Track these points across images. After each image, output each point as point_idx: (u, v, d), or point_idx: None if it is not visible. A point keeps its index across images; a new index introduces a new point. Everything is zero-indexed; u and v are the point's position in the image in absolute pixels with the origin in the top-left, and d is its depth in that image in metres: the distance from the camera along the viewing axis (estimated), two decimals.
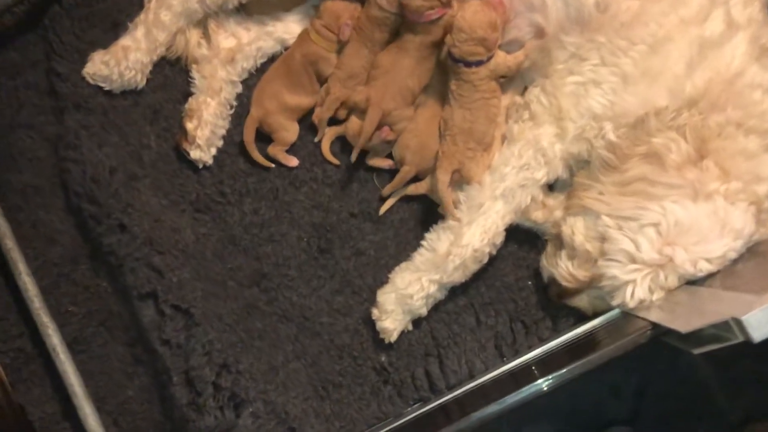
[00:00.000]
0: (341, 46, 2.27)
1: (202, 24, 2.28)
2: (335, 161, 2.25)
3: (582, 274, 1.96)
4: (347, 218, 2.25)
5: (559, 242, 1.98)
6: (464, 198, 2.05)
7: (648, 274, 1.84)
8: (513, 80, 2.16)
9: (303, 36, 2.32)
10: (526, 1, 2.00)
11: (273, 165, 2.26)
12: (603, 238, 1.89)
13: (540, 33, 2.04)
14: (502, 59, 2.09)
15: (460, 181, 2.12)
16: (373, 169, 2.27)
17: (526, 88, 2.14)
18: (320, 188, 2.27)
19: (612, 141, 1.87)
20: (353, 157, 2.14)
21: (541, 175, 2.02)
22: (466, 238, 2.01)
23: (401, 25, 2.21)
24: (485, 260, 2.10)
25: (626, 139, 1.85)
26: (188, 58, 2.28)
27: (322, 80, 2.29)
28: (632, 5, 1.90)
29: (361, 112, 2.20)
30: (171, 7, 2.20)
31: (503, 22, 2.05)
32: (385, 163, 2.27)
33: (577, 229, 1.95)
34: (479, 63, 2.06)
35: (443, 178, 2.09)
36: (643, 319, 1.89)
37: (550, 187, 2.10)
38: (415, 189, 2.22)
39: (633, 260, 1.85)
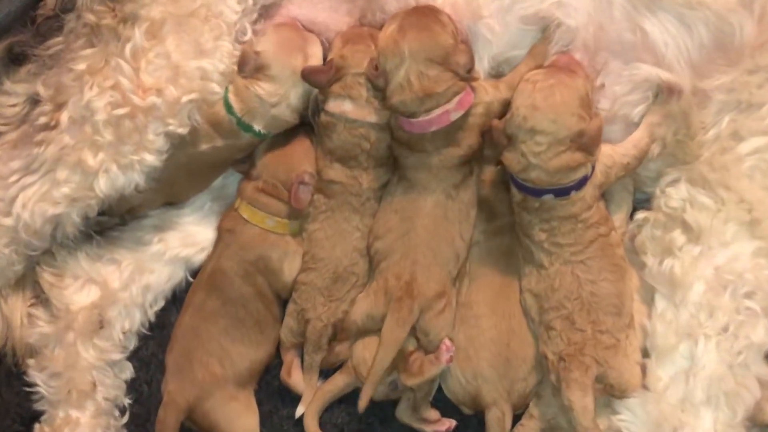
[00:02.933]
0: (300, 219, 1.34)
1: (27, 281, 1.43)
2: None
3: None
4: None
5: None
6: (632, 426, 1.16)
7: None
8: None
9: (229, 225, 1.37)
10: (615, 46, 1.19)
11: None
12: None
13: (658, 92, 1.21)
14: (611, 157, 1.21)
15: (605, 394, 1.18)
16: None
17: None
18: None
19: None
20: (362, 404, 1.26)
21: (763, 334, 1.14)
22: None
23: (397, 149, 1.30)
24: None
25: None
26: (16, 351, 1.41)
27: (285, 290, 1.35)
28: None
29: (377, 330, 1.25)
30: None
31: (593, 90, 1.21)
32: (439, 426, 1.28)
33: None
34: (583, 181, 1.18)
35: (583, 402, 1.13)
36: None
37: None
38: None
39: None
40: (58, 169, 1.27)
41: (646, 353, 1.23)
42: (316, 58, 1.31)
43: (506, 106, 1.24)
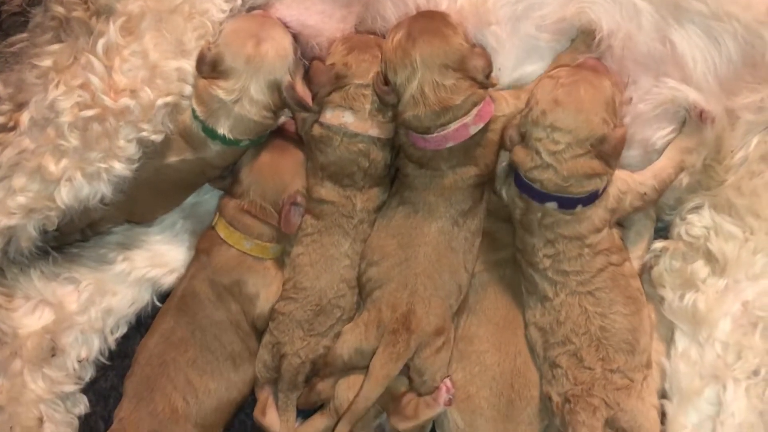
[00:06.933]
0: (283, 243, 1.23)
1: None
2: None
3: None
4: None
5: None
6: None
7: None
8: None
9: (205, 245, 1.25)
10: (643, 57, 1.10)
11: None
12: None
13: (687, 116, 1.13)
14: (626, 182, 1.13)
15: None
16: None
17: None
18: None
19: None
20: None
21: None
22: None
23: (406, 168, 1.20)
24: None
25: None
26: None
27: (261, 320, 1.23)
28: None
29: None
30: None
31: (621, 101, 1.12)
32: None
33: None
34: (593, 196, 1.10)
35: None
36: None
37: None
38: None
39: None
40: (14, 175, 1.15)
41: (664, 396, 1.12)
42: (273, 41, 1.17)
43: None
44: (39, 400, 1.21)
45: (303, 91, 1.21)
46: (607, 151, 1.08)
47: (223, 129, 1.17)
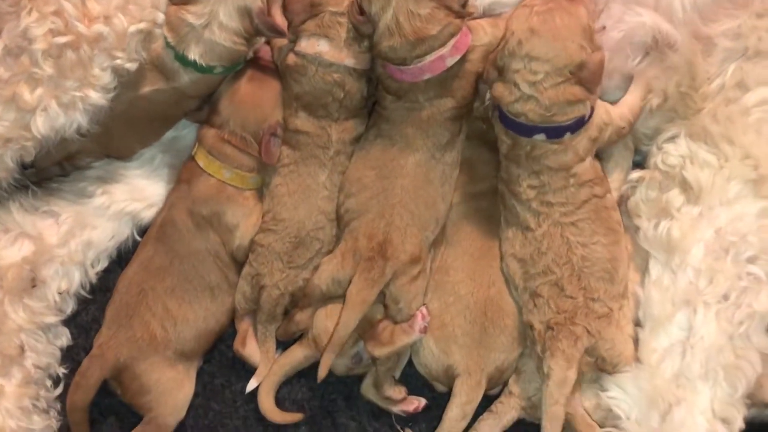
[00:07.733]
0: (262, 174, 1.24)
1: None
2: (295, 416, 1.24)
3: None
4: None
5: None
6: (623, 404, 1.07)
7: None
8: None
9: (185, 176, 1.25)
10: None
11: None
12: None
13: (649, 45, 1.13)
14: (609, 114, 1.13)
15: (595, 369, 1.11)
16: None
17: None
18: None
19: None
20: (321, 373, 1.16)
21: (766, 302, 1.04)
22: None
23: (384, 101, 1.20)
24: None
25: None
26: None
27: (240, 251, 1.24)
28: None
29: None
30: None
31: (595, 23, 1.11)
32: (406, 405, 1.20)
33: None
34: (580, 122, 1.10)
35: (564, 374, 1.06)
36: None
37: None
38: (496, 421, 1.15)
39: None
40: None
41: (638, 324, 1.13)
42: None
43: None
44: (20, 329, 1.22)
45: (281, 21, 1.21)
46: (587, 77, 1.07)
47: (194, 55, 1.17)
